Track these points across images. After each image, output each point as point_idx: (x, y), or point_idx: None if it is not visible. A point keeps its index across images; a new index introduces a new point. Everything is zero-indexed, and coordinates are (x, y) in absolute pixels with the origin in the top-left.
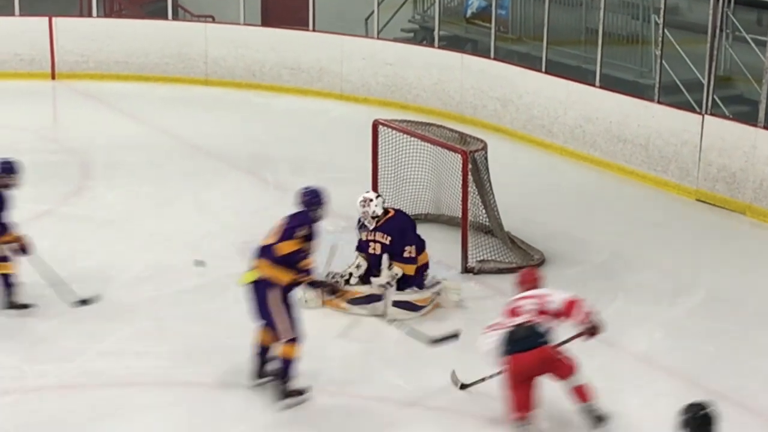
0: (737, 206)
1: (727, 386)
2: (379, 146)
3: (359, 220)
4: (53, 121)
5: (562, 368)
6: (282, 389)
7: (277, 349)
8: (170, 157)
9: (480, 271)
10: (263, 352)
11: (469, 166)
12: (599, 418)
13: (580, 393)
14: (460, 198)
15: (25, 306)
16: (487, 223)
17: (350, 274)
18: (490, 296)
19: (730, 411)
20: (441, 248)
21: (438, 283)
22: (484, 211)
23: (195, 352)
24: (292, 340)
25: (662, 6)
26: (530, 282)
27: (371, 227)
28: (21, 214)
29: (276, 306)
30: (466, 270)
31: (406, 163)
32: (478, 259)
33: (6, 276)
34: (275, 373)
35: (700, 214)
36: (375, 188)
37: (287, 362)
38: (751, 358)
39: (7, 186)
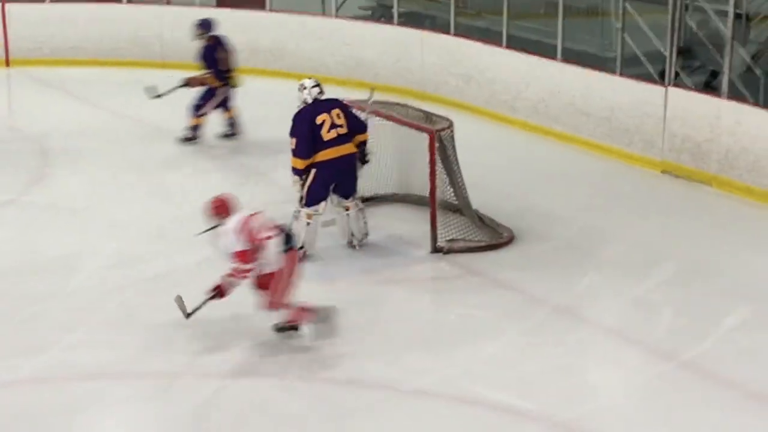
0: (703, 177)
1: (702, 358)
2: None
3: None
4: (9, 109)
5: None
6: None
7: None
8: (131, 142)
9: (450, 251)
10: None
11: (436, 144)
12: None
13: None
14: (427, 177)
15: None
16: (455, 202)
17: None
18: (460, 276)
19: (706, 383)
20: (409, 228)
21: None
22: (451, 190)
23: (167, 340)
24: None
25: None
26: (224, 209)
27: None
28: None
29: None
30: (436, 250)
31: (371, 143)
32: (447, 238)
33: None
34: None
35: (667, 186)
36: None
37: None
38: (725, 330)
39: None
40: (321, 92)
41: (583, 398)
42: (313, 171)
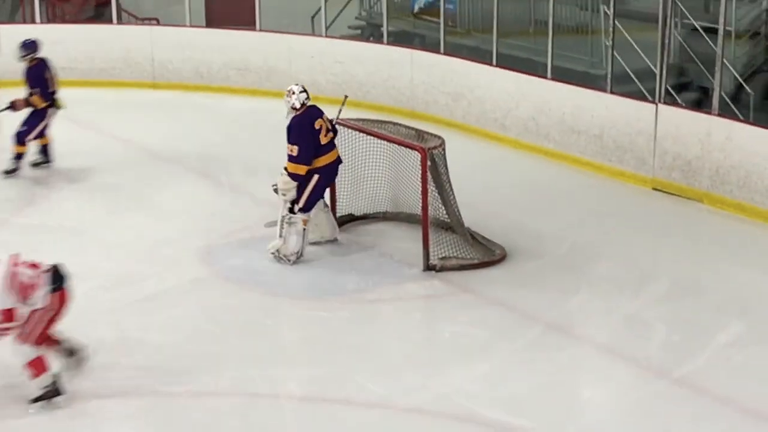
0: (694, 194)
1: (695, 375)
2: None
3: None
4: None
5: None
6: None
7: None
8: (122, 163)
9: (442, 269)
10: None
11: (428, 163)
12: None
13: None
14: (419, 195)
15: None
16: (447, 220)
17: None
18: (453, 293)
19: (699, 400)
20: (401, 246)
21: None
22: (443, 207)
23: (159, 361)
24: None
25: None
26: None
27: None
28: None
29: None
30: (428, 268)
31: (362, 161)
32: (440, 256)
33: None
34: None
35: (658, 203)
36: (333, 188)
37: None
38: (718, 346)
39: None
40: (308, 97)
41: (576, 415)
42: (316, 176)
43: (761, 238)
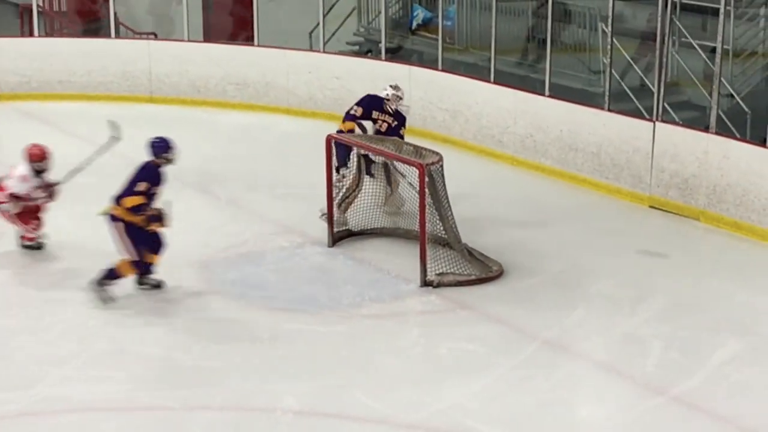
0: (691, 212)
1: (692, 393)
2: (333, 161)
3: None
4: None
5: None
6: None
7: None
8: (119, 177)
9: (440, 284)
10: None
11: (426, 179)
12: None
13: None
14: (417, 211)
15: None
16: (445, 236)
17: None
18: (450, 309)
19: (696, 418)
20: (399, 262)
21: None
22: (440, 223)
23: (156, 375)
24: (133, 262)
25: (610, 14)
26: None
27: (388, 111)
28: None
29: (122, 236)
30: (426, 283)
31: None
32: (437, 272)
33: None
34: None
35: (655, 221)
36: (330, 203)
37: (114, 271)
38: (715, 364)
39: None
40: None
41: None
42: None
43: (758, 257)
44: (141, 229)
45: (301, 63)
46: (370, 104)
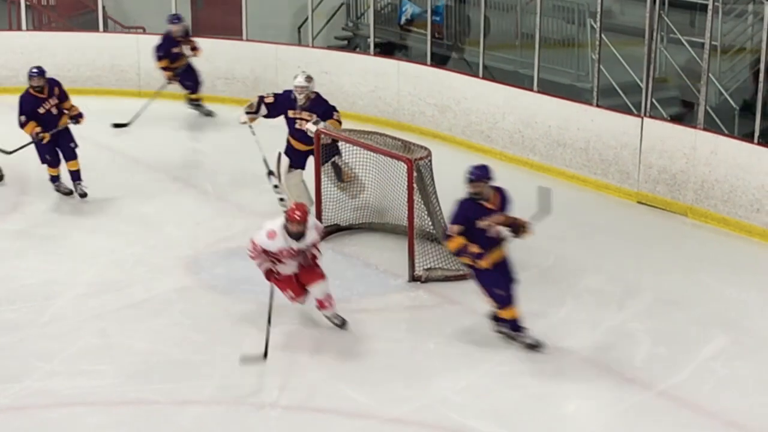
0: (679, 208)
1: (680, 388)
2: (321, 155)
3: (282, 96)
4: None
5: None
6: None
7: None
8: (108, 171)
9: (427, 279)
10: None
11: (414, 174)
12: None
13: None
14: (405, 206)
15: None
16: (433, 231)
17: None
18: (438, 304)
19: (683, 412)
20: (387, 257)
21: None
22: (429, 218)
23: (144, 369)
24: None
25: (599, 10)
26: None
27: (300, 106)
28: None
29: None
30: (414, 278)
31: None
32: (425, 267)
33: None
34: None
35: (643, 217)
36: (318, 198)
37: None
38: (702, 359)
39: None
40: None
41: (560, 427)
42: None
43: (745, 252)
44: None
45: (290, 58)
46: (284, 104)
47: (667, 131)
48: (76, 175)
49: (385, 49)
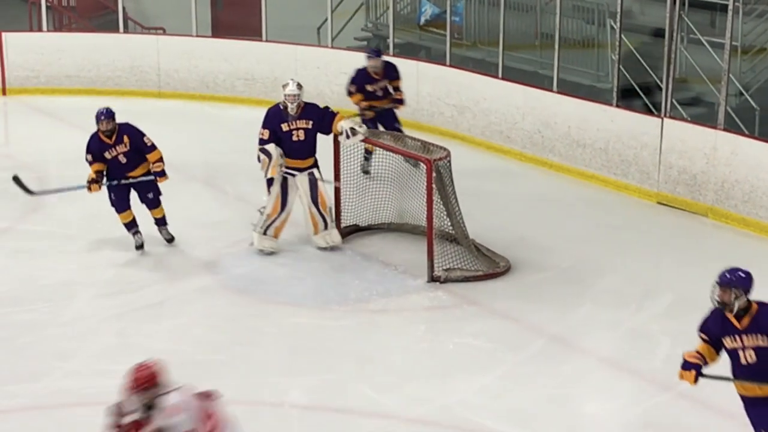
0: (699, 208)
1: (699, 389)
2: (341, 156)
3: (270, 116)
4: (5, 138)
5: None
6: None
7: None
8: None
9: (447, 280)
10: None
11: (433, 174)
12: None
13: None
14: (424, 206)
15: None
16: (452, 231)
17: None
18: (457, 305)
19: (703, 413)
20: (405, 257)
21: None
22: (448, 219)
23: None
24: None
25: (619, 10)
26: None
27: (293, 116)
28: None
29: None
30: (433, 279)
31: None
32: (444, 267)
33: None
34: None
35: (662, 217)
36: (337, 198)
37: None
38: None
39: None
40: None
41: (579, 428)
42: None
43: (766, 253)
44: None
45: (310, 58)
46: (273, 122)
47: (687, 132)
48: (160, 222)
49: (405, 50)
